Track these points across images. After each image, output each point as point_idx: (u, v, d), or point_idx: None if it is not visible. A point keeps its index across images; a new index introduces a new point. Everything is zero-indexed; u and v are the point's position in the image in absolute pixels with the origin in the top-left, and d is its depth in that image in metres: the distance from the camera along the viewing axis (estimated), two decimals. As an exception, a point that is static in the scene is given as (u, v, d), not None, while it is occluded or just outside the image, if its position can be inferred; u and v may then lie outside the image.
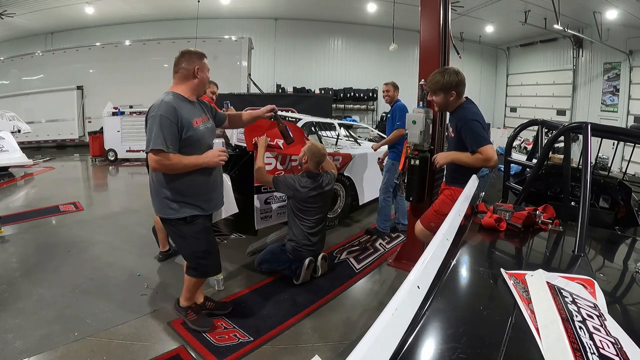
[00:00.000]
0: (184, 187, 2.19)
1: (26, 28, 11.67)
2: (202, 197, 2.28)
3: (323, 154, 3.29)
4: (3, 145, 7.37)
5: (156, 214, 2.31)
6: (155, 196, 2.23)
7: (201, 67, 2.21)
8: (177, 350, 2.31)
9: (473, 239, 1.72)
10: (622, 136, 2.58)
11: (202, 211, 2.29)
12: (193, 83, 2.21)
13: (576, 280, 1.19)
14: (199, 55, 2.23)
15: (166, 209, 2.21)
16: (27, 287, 2.97)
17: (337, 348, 2.42)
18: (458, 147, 2.45)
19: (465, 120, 2.36)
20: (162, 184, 2.18)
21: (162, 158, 2.02)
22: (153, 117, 2.03)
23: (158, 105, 2.05)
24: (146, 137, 2.05)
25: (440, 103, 2.49)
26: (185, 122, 2.09)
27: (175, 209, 2.20)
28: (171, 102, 2.07)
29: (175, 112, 2.05)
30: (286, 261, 3.25)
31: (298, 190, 3.13)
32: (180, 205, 2.20)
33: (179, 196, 2.19)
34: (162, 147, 2.00)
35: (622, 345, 0.86)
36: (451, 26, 3.33)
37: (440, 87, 2.41)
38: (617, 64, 11.16)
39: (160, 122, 2.00)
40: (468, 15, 11.38)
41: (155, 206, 2.26)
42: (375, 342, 0.68)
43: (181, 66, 2.19)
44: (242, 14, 12.90)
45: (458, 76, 2.40)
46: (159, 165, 2.05)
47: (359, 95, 14.54)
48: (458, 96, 2.43)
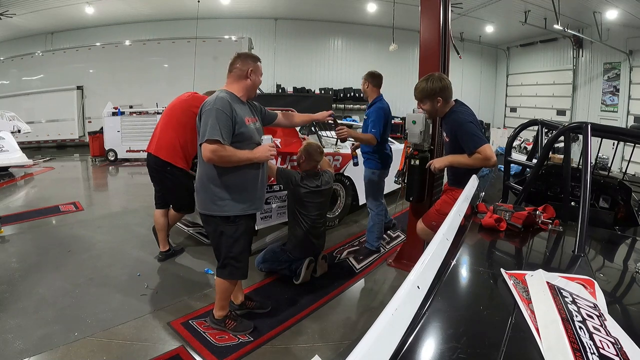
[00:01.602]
0: (235, 182, 2.20)
1: (26, 28, 11.67)
2: (250, 195, 2.28)
3: (320, 152, 3.28)
4: (3, 145, 7.37)
5: (200, 210, 2.29)
6: (201, 190, 2.23)
7: (255, 69, 2.28)
8: (177, 350, 2.31)
9: (473, 239, 1.72)
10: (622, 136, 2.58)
11: (246, 210, 2.29)
12: (246, 84, 2.27)
13: (576, 280, 1.19)
14: (254, 59, 2.30)
15: (211, 204, 2.21)
16: (27, 287, 2.97)
17: (337, 348, 2.42)
18: (454, 151, 2.45)
19: (458, 124, 2.36)
20: (212, 178, 2.18)
21: (218, 148, 2.04)
22: (209, 110, 2.06)
23: (214, 100, 2.10)
24: (200, 130, 2.09)
25: (428, 110, 2.52)
26: (238, 118, 2.14)
27: (220, 206, 2.20)
28: (226, 98, 2.13)
29: (230, 107, 2.10)
30: (286, 261, 3.25)
31: (299, 185, 3.13)
32: (226, 202, 2.20)
33: (228, 192, 2.20)
34: (218, 137, 2.02)
35: (622, 345, 0.86)
36: (451, 26, 3.33)
37: (425, 94, 2.43)
38: (617, 64, 11.16)
39: (217, 115, 2.04)
40: (468, 15, 11.38)
41: (200, 201, 2.26)
42: (375, 342, 0.68)
43: (236, 66, 2.26)
44: (242, 14, 12.90)
45: (442, 82, 2.41)
46: (214, 156, 2.05)
47: (359, 95, 14.50)
48: (445, 101, 2.44)
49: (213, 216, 2.24)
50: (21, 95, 10.90)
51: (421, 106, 2.55)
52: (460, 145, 2.37)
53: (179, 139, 3.29)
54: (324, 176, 3.27)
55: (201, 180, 2.23)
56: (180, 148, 3.30)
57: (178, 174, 3.33)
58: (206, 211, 2.25)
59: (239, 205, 2.24)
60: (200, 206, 2.28)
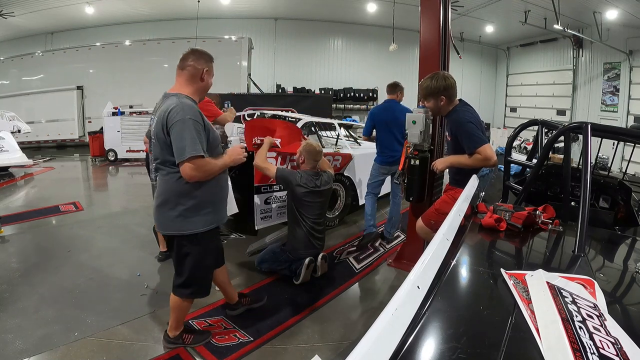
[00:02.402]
0: (208, 194, 2.05)
1: (26, 28, 11.67)
2: (220, 204, 2.18)
3: (319, 152, 3.28)
4: (3, 145, 7.37)
5: (167, 232, 2.08)
6: (169, 211, 2.01)
7: (209, 70, 2.10)
8: (177, 350, 2.31)
9: (473, 239, 1.72)
10: (622, 136, 2.59)
11: (217, 222, 2.18)
12: (199, 86, 2.07)
13: (576, 280, 1.19)
14: (209, 58, 2.11)
15: (184, 223, 2.01)
16: (27, 287, 2.97)
17: (337, 348, 2.42)
18: (456, 150, 2.46)
19: (459, 124, 2.37)
20: (183, 195, 1.98)
21: (202, 163, 1.90)
22: (182, 121, 1.85)
23: (182, 109, 1.88)
24: (174, 144, 1.87)
25: (432, 108, 2.54)
26: (207, 125, 2.00)
27: (194, 222, 2.03)
28: (193, 104, 1.96)
29: (201, 115, 1.95)
30: (286, 261, 3.25)
31: (298, 186, 3.13)
32: (200, 217, 2.04)
33: (201, 206, 2.04)
34: (202, 152, 1.88)
35: (622, 345, 0.86)
36: (451, 26, 3.33)
37: (430, 92, 2.45)
38: (617, 64, 11.16)
39: (195, 127, 1.88)
40: (468, 15, 11.39)
41: (168, 222, 2.04)
42: (375, 342, 0.68)
43: (188, 63, 2.03)
44: (242, 14, 12.90)
45: (446, 81, 2.42)
46: (200, 172, 1.91)
47: (359, 95, 14.54)
48: (449, 100, 2.45)
49: (185, 236, 2.05)
50: (21, 95, 10.90)
51: (425, 103, 2.56)
52: (459, 146, 2.37)
53: None
54: (323, 176, 3.27)
55: (167, 200, 2.00)
56: None
57: None
58: (177, 231, 2.04)
59: (212, 218, 2.11)
60: (168, 228, 2.06)
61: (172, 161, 1.94)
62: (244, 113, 6.77)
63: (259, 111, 6.87)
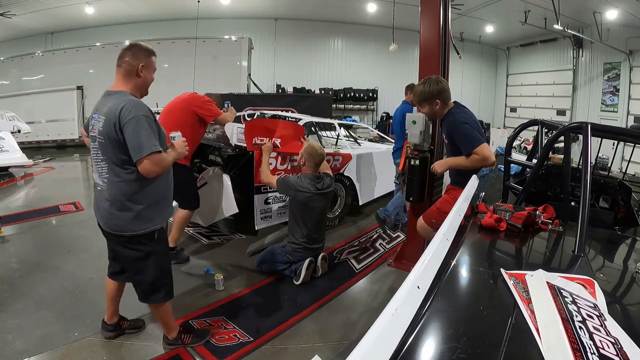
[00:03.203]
0: (162, 190, 2.04)
1: (26, 28, 11.66)
2: (168, 201, 2.15)
3: (321, 154, 3.28)
4: (3, 146, 7.36)
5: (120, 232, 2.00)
6: (121, 211, 1.95)
7: (147, 65, 2.00)
8: (177, 350, 2.31)
9: (473, 239, 1.72)
10: (622, 136, 2.59)
11: (167, 219, 2.15)
12: (136, 82, 1.99)
13: (576, 280, 1.19)
14: (148, 52, 2.03)
15: (141, 222, 1.97)
16: (27, 287, 2.96)
17: (337, 348, 2.42)
18: (454, 152, 2.47)
19: (455, 125, 2.39)
20: (140, 194, 1.95)
21: (160, 159, 1.89)
22: (136, 119, 1.83)
23: (134, 106, 1.86)
24: (132, 143, 1.83)
25: (428, 113, 2.56)
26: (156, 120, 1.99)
27: (154, 220, 2.01)
28: (140, 101, 1.95)
29: (151, 112, 1.94)
30: (286, 261, 3.25)
31: (299, 191, 3.13)
32: (157, 213, 2.02)
33: (158, 203, 2.02)
34: (159, 148, 1.87)
35: (622, 345, 0.86)
36: (451, 26, 3.33)
37: (424, 97, 2.46)
38: (617, 64, 11.16)
39: (148, 124, 1.87)
40: (468, 15, 11.38)
41: (126, 223, 1.97)
42: (375, 342, 0.68)
43: (125, 60, 1.97)
44: (242, 14, 12.90)
45: (439, 85, 2.43)
46: (158, 168, 1.89)
47: (359, 95, 14.54)
48: (443, 103, 2.46)
49: (142, 235, 2.00)
50: (21, 95, 10.87)
51: (420, 110, 2.58)
52: (457, 149, 2.38)
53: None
54: (325, 179, 3.27)
55: (123, 200, 1.94)
56: None
57: (180, 171, 3.33)
58: (135, 231, 1.98)
59: (165, 215, 2.09)
60: (119, 228, 1.99)
61: (125, 160, 1.89)
62: (244, 113, 6.76)
63: (259, 111, 6.86)
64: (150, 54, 2.04)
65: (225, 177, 3.57)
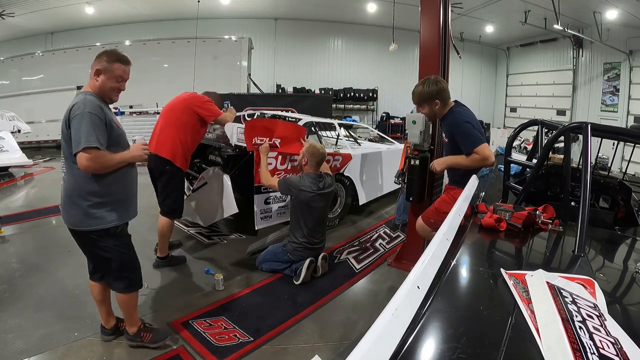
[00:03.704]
0: (112, 189, 2.04)
1: (26, 28, 11.67)
2: (128, 201, 2.15)
3: (322, 154, 3.29)
4: (3, 145, 7.35)
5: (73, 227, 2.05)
6: (73, 205, 2.00)
7: (104, 70, 2.01)
8: (177, 350, 2.31)
9: (473, 239, 1.72)
10: (622, 136, 2.59)
11: (126, 219, 2.15)
12: (94, 85, 2.03)
13: (576, 280, 1.19)
14: (110, 58, 2.03)
15: (90, 219, 1.99)
16: (27, 287, 2.96)
17: (337, 348, 2.42)
18: (453, 152, 2.46)
19: (455, 124, 2.38)
20: (85, 189, 1.98)
21: (98, 154, 1.89)
22: (81, 115, 1.88)
23: (83, 104, 1.92)
24: (73, 137, 1.89)
25: (428, 114, 2.56)
26: (109, 120, 2.00)
27: (100, 217, 2.01)
28: (95, 100, 1.98)
29: (101, 109, 1.96)
30: (287, 261, 3.25)
31: (302, 191, 3.14)
32: (106, 212, 2.02)
33: (106, 201, 2.02)
34: (96, 144, 1.87)
35: (622, 345, 0.86)
36: (451, 26, 3.33)
37: (423, 98, 2.46)
38: (617, 64, 11.16)
39: (91, 119, 1.89)
40: (468, 15, 11.38)
41: (73, 218, 2.01)
42: (375, 342, 0.68)
43: (92, 63, 2.04)
44: (242, 14, 12.90)
45: (438, 85, 2.43)
46: (94, 163, 1.89)
47: (359, 95, 14.55)
48: (443, 103, 2.46)
49: (94, 231, 2.02)
50: (21, 95, 10.87)
51: (420, 110, 2.58)
52: (456, 148, 2.37)
53: (179, 137, 3.29)
54: (326, 179, 3.28)
55: (71, 194, 2.00)
56: (180, 146, 3.29)
57: (174, 173, 3.33)
58: (85, 227, 2.01)
59: (120, 214, 2.09)
60: (74, 224, 2.03)
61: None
62: (244, 113, 6.76)
63: (259, 111, 6.86)
64: (113, 60, 2.03)
65: (225, 177, 3.57)
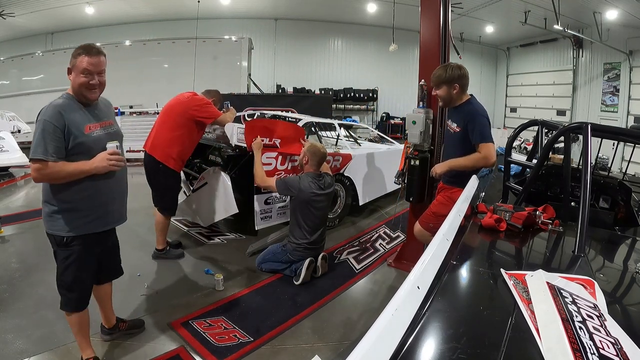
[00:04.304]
0: (78, 198, 1.92)
1: (26, 28, 11.67)
2: (92, 213, 1.97)
3: (323, 153, 3.29)
4: (3, 146, 7.35)
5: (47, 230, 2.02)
6: (44, 207, 1.97)
7: (72, 66, 1.91)
8: (177, 350, 2.31)
9: (473, 239, 1.72)
10: (622, 136, 2.59)
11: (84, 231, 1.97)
12: (71, 83, 1.93)
13: (576, 280, 1.19)
14: (75, 52, 1.93)
15: (49, 222, 1.95)
16: (27, 287, 2.97)
17: (337, 348, 2.42)
18: (460, 142, 2.44)
19: (474, 115, 2.38)
20: (47, 193, 1.93)
21: (40, 167, 1.78)
22: (38, 122, 1.81)
23: (45, 109, 1.84)
24: None
25: (443, 96, 2.49)
26: (73, 127, 1.84)
27: (57, 224, 1.94)
28: (59, 106, 1.85)
29: (61, 117, 1.81)
30: (287, 261, 3.25)
31: (302, 190, 3.13)
32: (62, 220, 1.93)
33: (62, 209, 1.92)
34: (41, 156, 1.76)
35: (622, 345, 0.86)
36: (451, 26, 3.33)
37: (443, 79, 2.43)
38: (617, 64, 11.16)
39: (43, 128, 1.79)
40: (468, 16, 11.38)
41: (43, 218, 2.00)
42: (375, 342, 0.68)
43: None
44: (242, 14, 12.90)
45: (461, 70, 2.43)
46: (38, 175, 1.81)
47: (359, 96, 14.54)
48: (462, 90, 2.44)
49: (50, 235, 1.99)
50: (21, 95, 10.88)
51: (436, 91, 2.51)
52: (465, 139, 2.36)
53: (174, 140, 3.30)
54: (326, 178, 3.28)
55: (44, 198, 1.97)
56: (175, 149, 3.30)
57: (169, 174, 3.34)
58: (49, 230, 1.98)
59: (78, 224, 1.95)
60: (44, 224, 2.01)
61: None
62: (244, 113, 6.76)
63: (259, 111, 6.86)
64: (78, 54, 1.92)
65: (225, 177, 3.57)
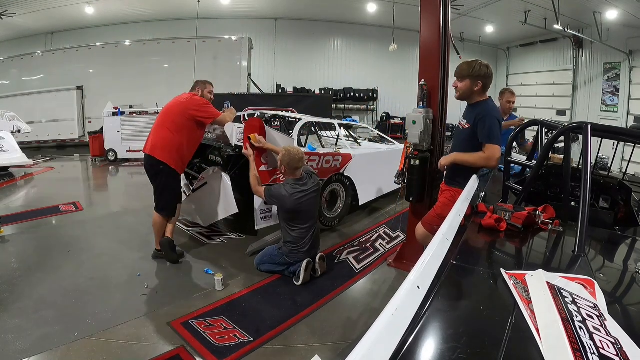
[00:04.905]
0: None
1: (26, 28, 11.66)
2: None
3: (299, 159, 3.17)
4: (3, 145, 7.36)
5: None
6: None
7: None
8: (177, 350, 2.31)
9: (473, 239, 1.72)
10: (622, 136, 2.58)
11: None
12: None
13: (576, 280, 1.19)
14: None
15: None
16: (27, 287, 2.96)
17: (337, 348, 2.42)
18: (467, 139, 2.46)
19: (486, 114, 2.38)
20: None
21: None
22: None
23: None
24: None
25: (464, 89, 2.46)
26: None
27: None
28: None
29: None
30: (284, 263, 3.25)
31: (285, 198, 3.11)
32: None
33: None
34: None
35: (622, 345, 0.86)
36: (451, 26, 3.33)
37: (469, 73, 2.42)
38: (617, 64, 11.15)
39: None
40: (468, 15, 11.37)
41: None
42: (375, 342, 0.68)
43: None
44: (242, 14, 12.89)
45: (488, 69, 2.44)
46: None
47: (359, 96, 14.53)
48: (483, 88, 2.44)
49: None
50: (21, 95, 10.88)
51: (458, 83, 2.49)
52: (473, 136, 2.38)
53: (174, 140, 3.30)
54: (308, 180, 3.23)
55: None
56: (175, 149, 3.30)
57: (170, 174, 3.34)
58: None
59: None
60: None
61: None
62: (244, 113, 6.76)
63: (259, 111, 6.86)
64: None
65: (225, 177, 3.57)
